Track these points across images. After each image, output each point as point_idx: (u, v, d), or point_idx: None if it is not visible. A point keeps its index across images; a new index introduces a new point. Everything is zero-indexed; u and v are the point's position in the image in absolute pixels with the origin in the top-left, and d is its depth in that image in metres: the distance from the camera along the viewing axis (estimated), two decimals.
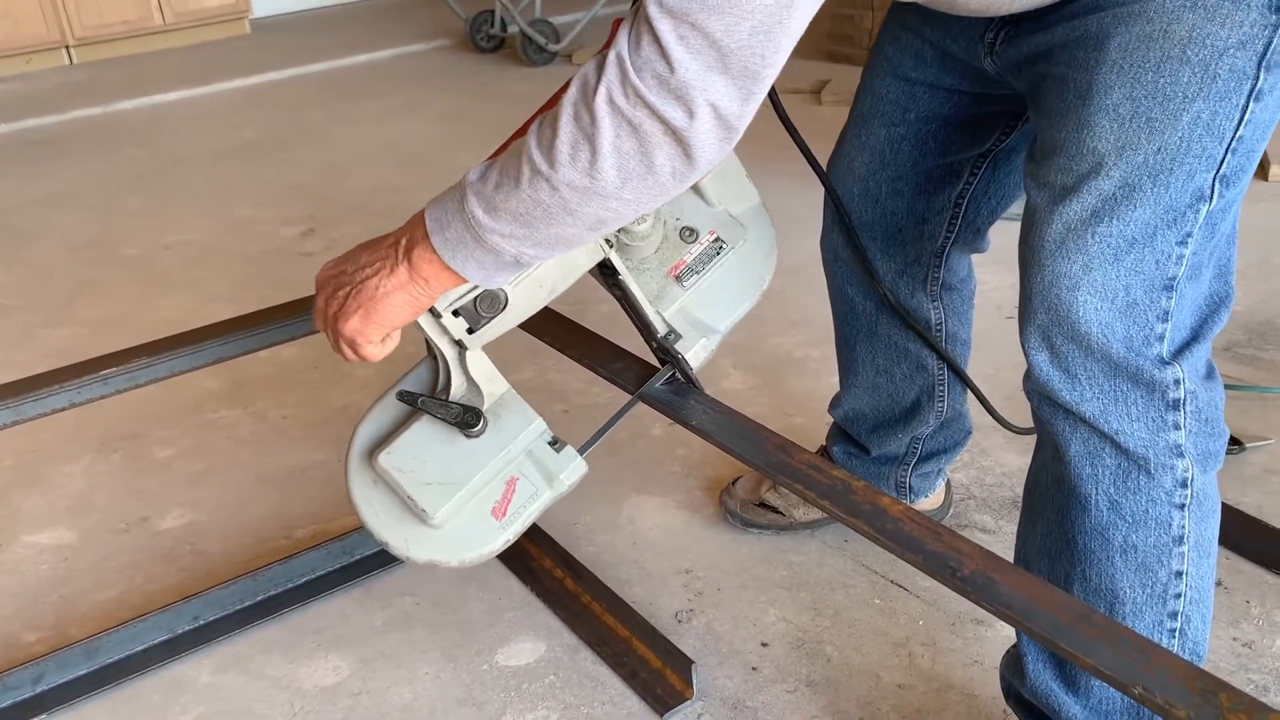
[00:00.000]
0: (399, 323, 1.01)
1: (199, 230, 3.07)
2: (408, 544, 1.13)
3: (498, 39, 5.03)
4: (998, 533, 1.64)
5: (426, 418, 1.14)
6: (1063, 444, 1.06)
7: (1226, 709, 0.74)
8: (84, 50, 5.27)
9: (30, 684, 1.41)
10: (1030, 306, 1.04)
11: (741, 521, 1.65)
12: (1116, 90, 0.93)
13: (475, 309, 1.10)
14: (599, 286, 1.26)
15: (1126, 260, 0.97)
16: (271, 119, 4.22)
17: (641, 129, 0.82)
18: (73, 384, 1.28)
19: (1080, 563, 1.08)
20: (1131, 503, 1.03)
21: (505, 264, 0.95)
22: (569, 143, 0.85)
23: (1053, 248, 0.99)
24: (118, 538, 1.75)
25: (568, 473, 1.15)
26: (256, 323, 1.40)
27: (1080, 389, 1.02)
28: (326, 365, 2.23)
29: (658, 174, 0.85)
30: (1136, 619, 1.07)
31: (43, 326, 2.53)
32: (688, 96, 0.81)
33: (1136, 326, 0.99)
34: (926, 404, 1.49)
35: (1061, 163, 0.98)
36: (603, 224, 0.91)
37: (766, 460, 1.08)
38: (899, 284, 1.40)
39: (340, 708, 1.39)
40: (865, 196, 1.34)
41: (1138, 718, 1.10)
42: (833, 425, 1.65)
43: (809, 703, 1.35)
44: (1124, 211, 0.95)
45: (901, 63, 1.24)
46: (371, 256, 1.00)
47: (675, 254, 1.25)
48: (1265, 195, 2.80)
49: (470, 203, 0.91)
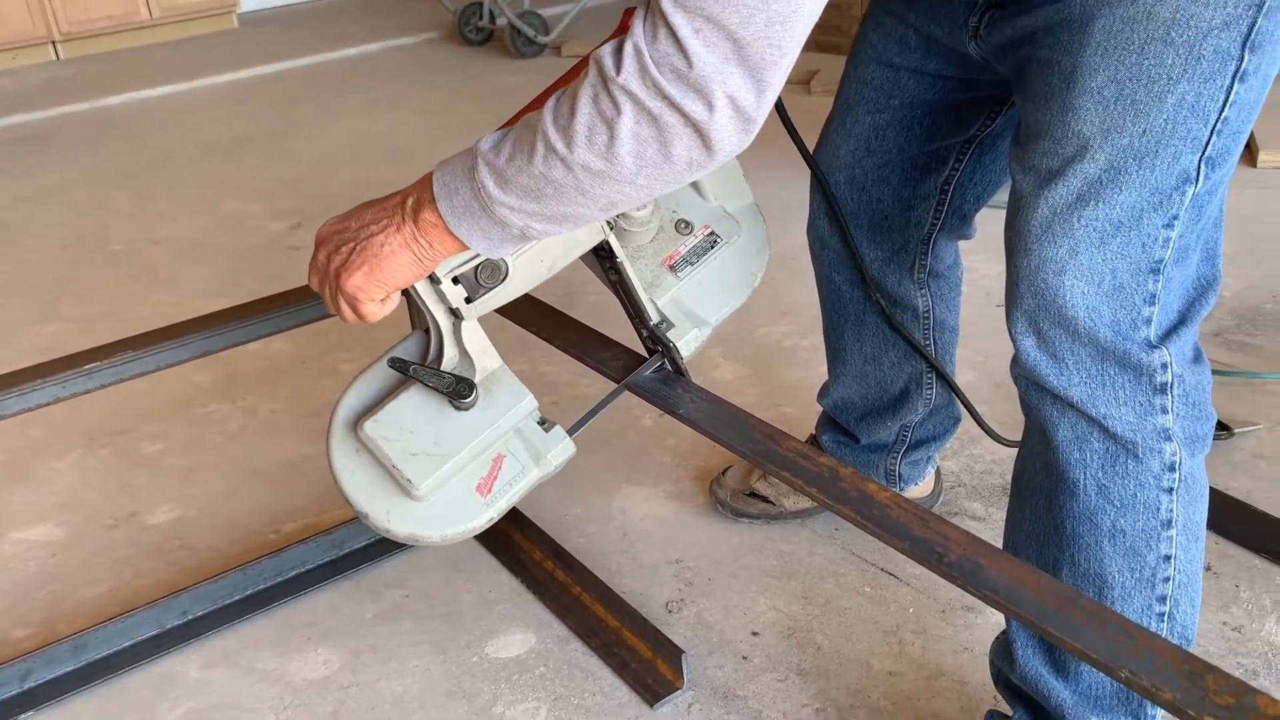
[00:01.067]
0: (401, 282, 1.00)
1: (187, 225, 3.06)
2: (389, 516, 1.10)
3: (486, 31, 5.02)
4: (988, 520, 1.64)
5: (416, 388, 1.12)
6: (1050, 429, 1.05)
7: (1213, 691, 0.74)
8: (70, 46, 5.23)
9: (18, 680, 1.40)
10: (1017, 292, 1.04)
11: (732, 511, 1.65)
12: (1101, 73, 0.93)
13: (475, 278, 1.08)
14: (589, 279, 1.26)
15: (1113, 244, 0.97)
16: (259, 113, 4.20)
17: (661, 120, 0.82)
18: (57, 378, 1.27)
19: (1069, 548, 1.08)
20: (1119, 487, 1.03)
21: (512, 236, 0.94)
22: (586, 125, 0.84)
23: (1039, 232, 0.99)
24: (106, 533, 1.74)
25: (556, 452, 1.14)
26: (244, 315, 1.39)
27: (1067, 374, 1.02)
28: (316, 359, 2.22)
29: (674, 163, 0.85)
30: (1125, 603, 1.07)
31: (29, 323, 2.51)
32: (706, 90, 0.80)
33: (1124, 310, 0.99)
34: (915, 391, 1.49)
35: (1046, 146, 0.98)
36: (614, 206, 0.91)
37: (754, 448, 1.07)
38: (886, 271, 1.40)
39: (330, 700, 1.38)
40: (851, 184, 1.34)
41: (1127, 702, 1.10)
42: (821, 414, 1.65)
43: (800, 691, 1.35)
44: (1110, 195, 0.95)
45: (886, 49, 1.24)
46: (377, 214, 0.99)
47: (670, 245, 1.25)
48: (1254, 182, 2.81)
49: (481, 172, 0.91)
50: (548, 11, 4.87)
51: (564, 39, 4.78)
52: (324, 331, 1.08)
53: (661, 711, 1.33)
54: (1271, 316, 2.16)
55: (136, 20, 5.34)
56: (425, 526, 1.10)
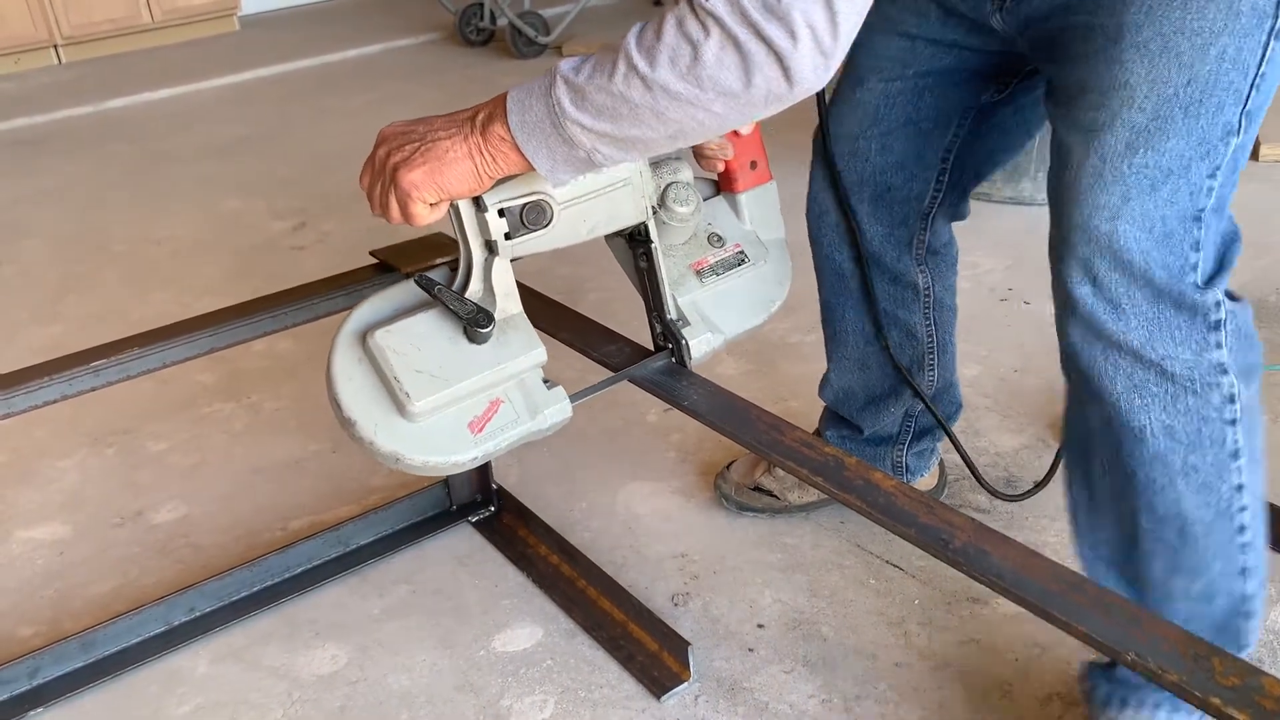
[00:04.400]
0: (457, 191, 1.01)
1: (188, 226, 3.07)
2: (376, 429, 1.08)
3: (487, 32, 5.02)
4: (992, 512, 1.64)
5: (434, 312, 1.12)
6: (1107, 382, 1.07)
7: (1219, 673, 0.75)
8: (72, 49, 5.24)
9: (26, 677, 1.40)
10: (1070, 241, 1.05)
11: (736, 505, 1.66)
12: (1146, 28, 0.96)
13: (521, 215, 1.09)
14: (591, 276, 1.27)
15: (1163, 190, 0.99)
16: (261, 115, 4.21)
17: (745, 48, 0.84)
18: (63, 375, 1.27)
19: (1145, 494, 1.09)
20: (1185, 425, 1.05)
21: (577, 159, 0.95)
22: (671, 45, 0.86)
23: (1090, 180, 1.02)
24: (112, 531, 1.75)
25: (552, 410, 1.15)
26: (250, 312, 1.39)
27: (1125, 318, 1.03)
28: (320, 358, 2.22)
29: (753, 93, 0.86)
30: (1208, 537, 1.08)
31: (31, 323, 2.52)
32: (790, 19, 0.82)
33: (1173, 255, 1.01)
34: (917, 374, 1.50)
35: (1093, 99, 1.01)
36: (683, 134, 0.92)
37: (758, 439, 1.08)
38: (886, 246, 1.41)
39: (338, 696, 1.39)
40: (854, 155, 1.35)
41: (1224, 632, 1.12)
42: (824, 410, 1.65)
43: (805, 683, 1.36)
44: (1159, 143, 0.98)
45: (902, 20, 1.25)
46: (446, 124, 1.01)
47: (700, 252, 1.28)
48: (1257, 175, 2.81)
49: (559, 89, 0.92)
50: (548, 12, 4.87)
51: (565, 39, 4.79)
52: (328, 330, 1.08)
53: (668, 704, 1.34)
54: (1275, 309, 2.16)
55: (138, 23, 5.35)
56: (410, 448, 1.09)
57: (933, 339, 1.49)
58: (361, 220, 2.94)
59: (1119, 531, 1.13)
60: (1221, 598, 1.11)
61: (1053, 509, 1.61)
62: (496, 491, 1.70)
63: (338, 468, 1.86)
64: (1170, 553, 1.09)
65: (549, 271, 2.40)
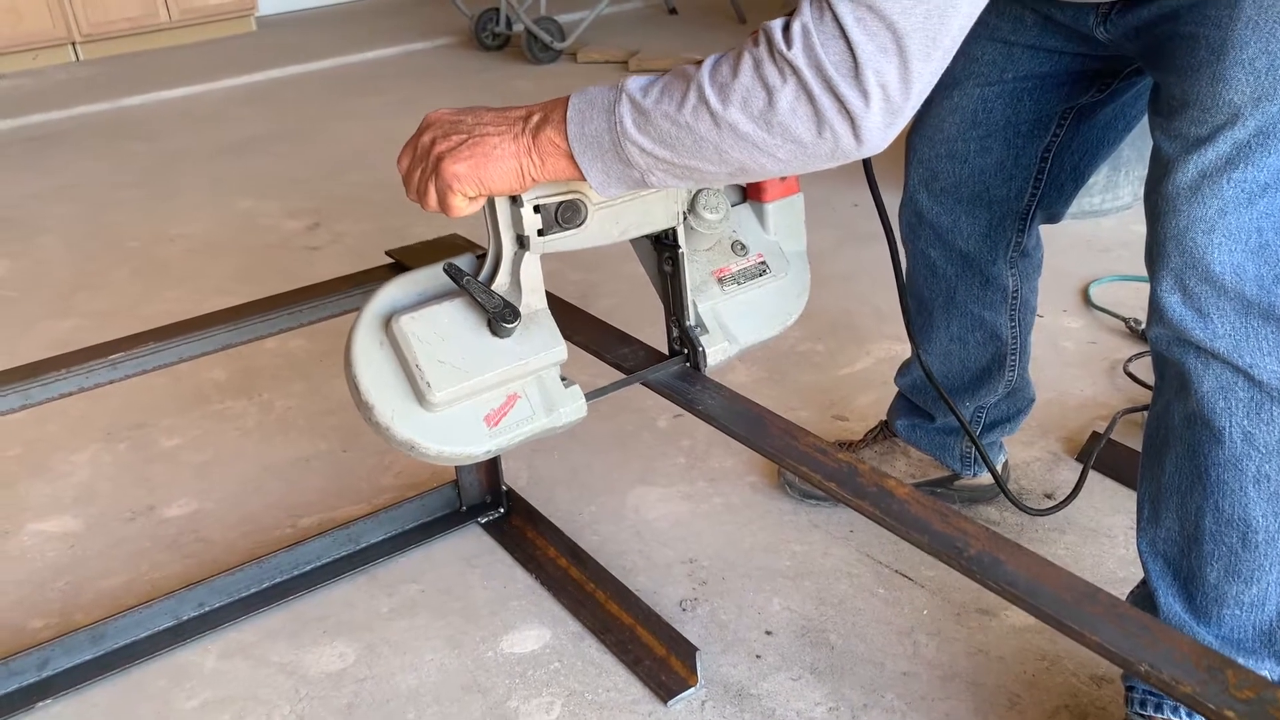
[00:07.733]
0: (498, 188, 1.01)
1: (202, 224, 3.08)
2: (394, 416, 1.09)
3: (503, 37, 5.04)
4: (1002, 524, 1.64)
5: (459, 301, 1.12)
6: (1194, 381, 1.08)
7: (1233, 686, 0.75)
8: (90, 47, 5.28)
9: (36, 669, 1.41)
10: (1164, 252, 1.06)
11: (800, 494, 1.68)
12: (1252, 45, 0.97)
13: (555, 214, 1.09)
14: (605, 280, 1.27)
15: (1260, 203, 1.00)
16: (276, 115, 4.23)
17: (819, 102, 0.85)
18: (81, 368, 1.28)
19: (1213, 495, 1.10)
20: (1265, 433, 1.06)
21: (631, 178, 0.96)
22: (746, 87, 0.87)
23: (1187, 194, 1.03)
24: (123, 526, 1.75)
25: (568, 409, 1.15)
26: (266, 309, 1.39)
27: (1212, 327, 1.04)
28: (331, 357, 2.24)
29: (820, 146, 0.87)
30: (1269, 546, 1.09)
31: (45, 318, 2.53)
32: (864, 78, 0.83)
33: (1267, 266, 1.02)
34: (996, 372, 1.53)
35: (1195, 115, 1.01)
36: (742, 173, 0.93)
37: (773, 445, 1.08)
38: (981, 248, 1.43)
39: (345, 693, 1.39)
40: (952, 158, 1.37)
41: (1270, 644, 1.13)
42: (896, 397, 1.67)
43: (813, 690, 1.36)
44: (1259, 158, 0.99)
45: (998, 26, 1.26)
46: (497, 119, 1.01)
47: (723, 259, 1.28)
48: None
49: (623, 107, 0.92)
50: (564, 17, 4.89)
51: (580, 45, 4.81)
52: (340, 330, 1.08)
53: (675, 708, 1.34)
54: None
55: (155, 22, 5.38)
56: (426, 436, 1.09)
57: (1016, 340, 1.51)
58: (376, 221, 2.95)
59: (1181, 530, 1.14)
60: (1272, 606, 1.12)
61: (1062, 522, 1.61)
62: (506, 493, 1.70)
63: (347, 466, 1.87)
64: (1230, 556, 1.10)
65: (560, 276, 2.40)
